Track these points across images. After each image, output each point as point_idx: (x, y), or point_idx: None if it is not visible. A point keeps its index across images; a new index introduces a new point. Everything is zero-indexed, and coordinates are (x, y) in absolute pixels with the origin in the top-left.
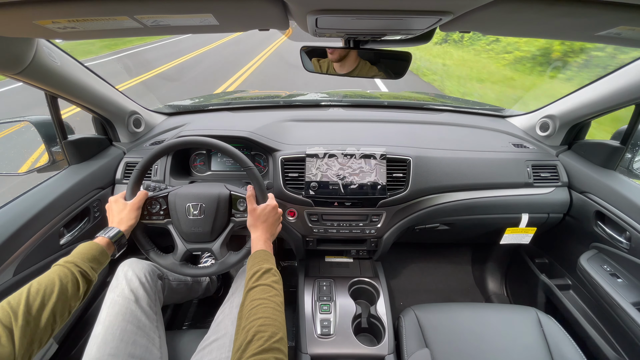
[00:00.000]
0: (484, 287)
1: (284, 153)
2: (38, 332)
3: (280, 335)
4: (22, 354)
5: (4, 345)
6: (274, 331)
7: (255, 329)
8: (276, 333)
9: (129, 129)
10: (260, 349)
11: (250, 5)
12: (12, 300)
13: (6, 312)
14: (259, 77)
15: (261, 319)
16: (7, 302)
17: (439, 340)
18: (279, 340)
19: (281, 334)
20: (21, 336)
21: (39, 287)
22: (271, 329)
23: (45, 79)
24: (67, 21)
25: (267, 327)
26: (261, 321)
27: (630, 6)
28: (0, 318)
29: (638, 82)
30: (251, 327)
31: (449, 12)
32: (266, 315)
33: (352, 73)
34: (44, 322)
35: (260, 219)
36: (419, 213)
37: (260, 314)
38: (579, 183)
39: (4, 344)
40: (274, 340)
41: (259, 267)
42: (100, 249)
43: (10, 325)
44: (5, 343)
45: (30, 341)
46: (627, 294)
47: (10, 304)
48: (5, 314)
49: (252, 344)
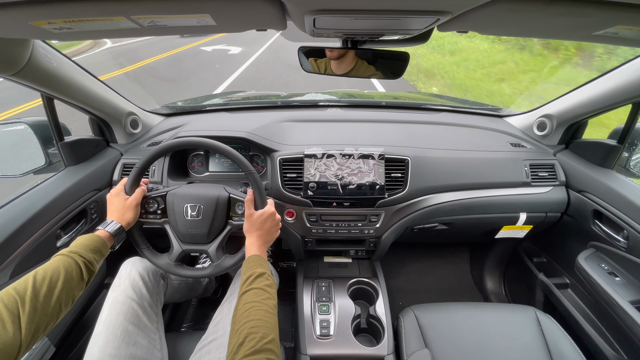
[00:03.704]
0: (482, 286)
1: (282, 153)
2: (44, 319)
3: (272, 337)
4: (29, 341)
5: (9, 330)
6: (266, 332)
7: (247, 331)
8: (268, 334)
9: (126, 130)
10: (252, 350)
11: (247, 6)
12: (17, 286)
13: (12, 298)
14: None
15: (252, 321)
16: (12, 288)
17: (438, 340)
18: (271, 341)
19: (273, 335)
20: (28, 322)
21: (45, 275)
22: (262, 331)
23: (41, 80)
24: (63, 22)
25: (259, 329)
26: (252, 323)
27: (628, 5)
28: (5, 303)
29: (635, 81)
30: (243, 330)
31: (446, 12)
32: (258, 318)
33: (349, 73)
34: (51, 309)
35: (255, 225)
36: (417, 213)
37: (252, 317)
38: (576, 182)
39: (9, 329)
40: (265, 341)
41: (252, 271)
42: (101, 240)
43: (17, 311)
44: (10, 328)
45: (37, 328)
46: (625, 292)
47: (17, 289)
48: (12, 299)
49: (244, 346)
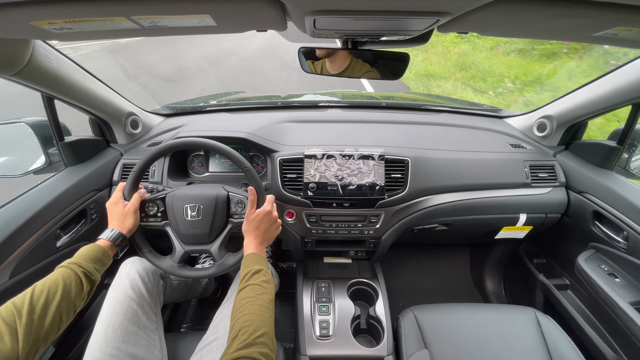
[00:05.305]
0: (482, 287)
1: (282, 154)
2: (43, 330)
3: (264, 330)
4: (27, 352)
5: (7, 342)
6: (258, 326)
7: (240, 325)
8: (260, 327)
9: (126, 130)
10: (244, 343)
11: (248, 6)
12: (16, 300)
13: (10, 312)
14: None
15: (245, 315)
16: (11, 302)
17: (438, 340)
18: (263, 334)
19: (265, 329)
20: (25, 334)
21: (43, 288)
22: (255, 324)
23: (42, 80)
24: (63, 22)
25: (251, 323)
26: (246, 317)
27: (627, 7)
28: (4, 317)
29: (635, 83)
30: (236, 324)
31: (446, 13)
32: (251, 312)
33: (344, 72)
34: (49, 320)
35: (253, 224)
36: (417, 214)
37: (246, 311)
38: (576, 183)
39: (6, 341)
40: (257, 335)
41: (249, 268)
42: (102, 250)
43: (14, 324)
44: (8, 340)
45: (36, 339)
46: (625, 293)
47: (15, 304)
48: (10, 313)
49: (236, 340)
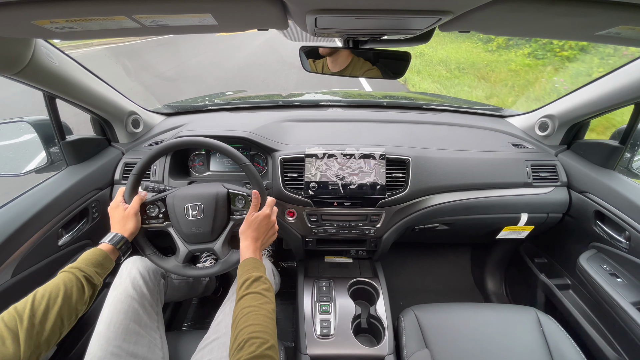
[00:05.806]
0: (483, 287)
1: (283, 153)
2: (44, 335)
3: (272, 343)
4: (29, 356)
5: (8, 346)
6: (266, 338)
7: (247, 336)
8: (268, 340)
9: (127, 129)
10: (252, 355)
11: (249, 5)
12: (18, 305)
13: (12, 316)
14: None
15: (252, 326)
16: (14, 307)
17: (438, 340)
18: (270, 347)
19: (272, 341)
20: (27, 338)
21: (44, 293)
22: (263, 336)
23: (43, 79)
24: (65, 21)
25: (259, 334)
26: (252, 328)
27: (630, 5)
28: (6, 322)
29: (637, 82)
30: (242, 334)
31: (448, 12)
32: (257, 322)
33: (345, 71)
34: (50, 325)
35: (251, 226)
36: (418, 213)
37: (252, 321)
38: (578, 183)
39: (8, 345)
40: (265, 347)
41: (248, 275)
42: (103, 254)
43: (16, 329)
44: (10, 345)
45: (37, 343)
46: (626, 293)
47: (17, 309)
48: (12, 318)
49: (244, 351)
